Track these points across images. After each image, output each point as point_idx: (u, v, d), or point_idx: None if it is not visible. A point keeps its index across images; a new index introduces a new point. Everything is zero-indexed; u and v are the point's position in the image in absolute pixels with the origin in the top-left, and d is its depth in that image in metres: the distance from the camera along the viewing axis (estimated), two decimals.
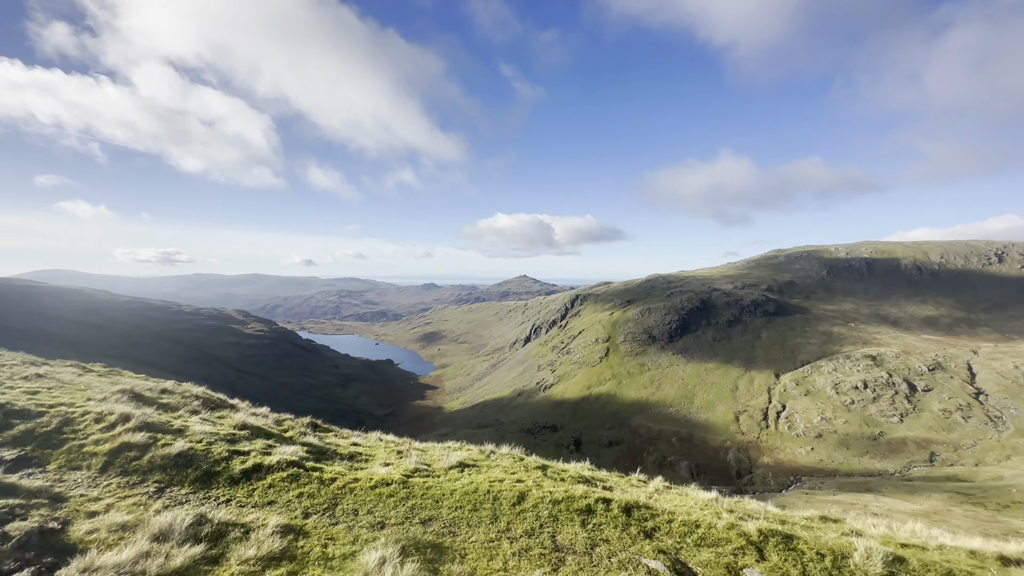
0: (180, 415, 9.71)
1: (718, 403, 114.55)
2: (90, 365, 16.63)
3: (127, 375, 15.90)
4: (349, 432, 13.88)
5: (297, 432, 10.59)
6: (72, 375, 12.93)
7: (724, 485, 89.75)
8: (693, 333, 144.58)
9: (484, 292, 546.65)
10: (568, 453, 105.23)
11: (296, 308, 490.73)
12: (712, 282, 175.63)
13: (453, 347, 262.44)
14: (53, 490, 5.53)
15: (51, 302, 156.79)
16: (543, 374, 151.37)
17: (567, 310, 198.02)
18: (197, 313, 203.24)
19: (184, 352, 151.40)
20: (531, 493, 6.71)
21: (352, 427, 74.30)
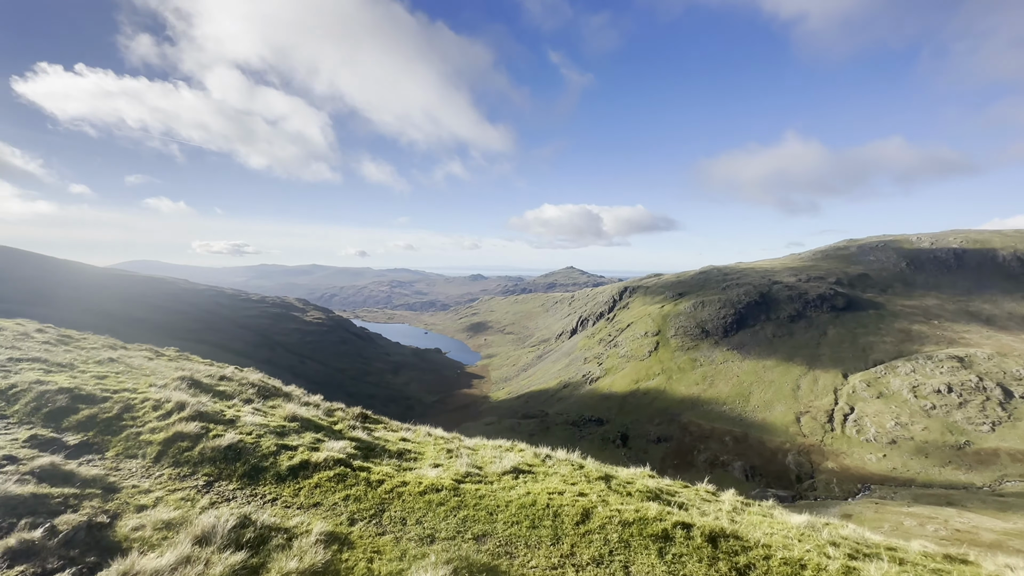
0: (234, 404, 9.80)
1: (777, 403, 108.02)
2: (163, 349, 17.48)
3: (195, 359, 16.57)
4: (399, 425, 13.65)
5: (346, 425, 10.43)
6: (143, 359, 13.49)
7: (782, 489, 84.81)
8: (750, 328, 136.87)
9: (530, 283, 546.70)
10: (614, 448, 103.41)
11: (351, 297, 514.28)
12: (773, 274, 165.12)
13: (499, 337, 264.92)
14: (107, 480, 5.60)
15: (141, 289, 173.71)
16: (589, 367, 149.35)
17: (615, 302, 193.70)
18: (263, 301, 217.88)
19: (252, 337, 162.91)
20: (597, 511, 6.04)
21: (402, 413, 77.31)
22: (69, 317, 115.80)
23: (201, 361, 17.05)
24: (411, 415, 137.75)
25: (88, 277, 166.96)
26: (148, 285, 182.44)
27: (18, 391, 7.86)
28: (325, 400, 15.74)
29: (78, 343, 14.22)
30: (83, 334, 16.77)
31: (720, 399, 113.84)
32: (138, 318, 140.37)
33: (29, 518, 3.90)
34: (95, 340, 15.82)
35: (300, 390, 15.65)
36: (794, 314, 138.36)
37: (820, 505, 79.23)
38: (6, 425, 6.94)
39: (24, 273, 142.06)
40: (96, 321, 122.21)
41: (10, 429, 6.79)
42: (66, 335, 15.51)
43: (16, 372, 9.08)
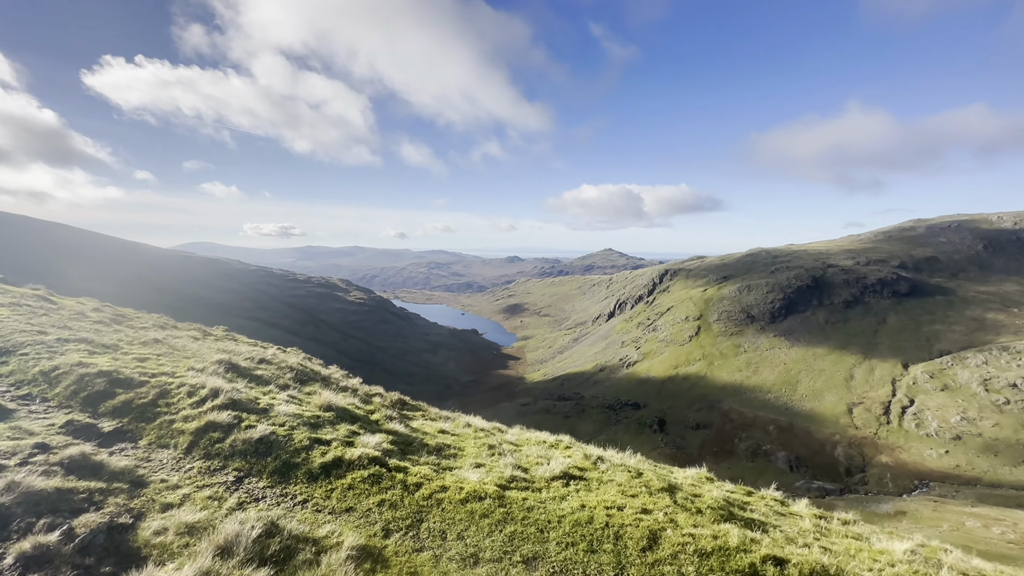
0: (269, 391, 9.43)
1: (827, 392, 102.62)
2: (211, 329, 17.73)
3: (241, 340, 16.70)
4: (437, 413, 13.15)
5: (383, 415, 9.94)
6: (188, 340, 13.43)
7: (829, 482, 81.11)
8: (801, 314, 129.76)
9: (567, 265, 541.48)
10: (651, 433, 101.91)
11: (391, 278, 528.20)
12: (827, 257, 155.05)
13: (535, 319, 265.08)
14: (136, 472, 5.44)
15: (200, 270, 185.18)
16: (627, 351, 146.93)
17: (655, 285, 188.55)
18: (308, 281, 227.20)
19: (299, 315, 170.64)
20: (666, 534, 5.25)
21: (439, 392, 78.16)
22: (139, 295, 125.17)
23: (246, 341, 17.21)
24: (448, 394, 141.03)
25: (154, 258, 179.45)
26: (205, 266, 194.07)
27: (60, 373, 7.83)
28: (364, 383, 15.07)
29: (130, 322, 14.33)
30: (138, 313, 17.07)
31: (764, 387, 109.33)
32: (198, 296, 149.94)
33: (48, 517, 3.71)
34: (147, 319, 16.02)
35: (340, 372, 15.48)
36: (850, 299, 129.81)
37: (871, 500, 75.19)
38: (46, 409, 6.90)
39: (99, 254, 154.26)
40: (161, 299, 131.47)
41: (49, 413, 6.75)
42: (121, 314, 15.78)
43: (61, 353, 9.07)
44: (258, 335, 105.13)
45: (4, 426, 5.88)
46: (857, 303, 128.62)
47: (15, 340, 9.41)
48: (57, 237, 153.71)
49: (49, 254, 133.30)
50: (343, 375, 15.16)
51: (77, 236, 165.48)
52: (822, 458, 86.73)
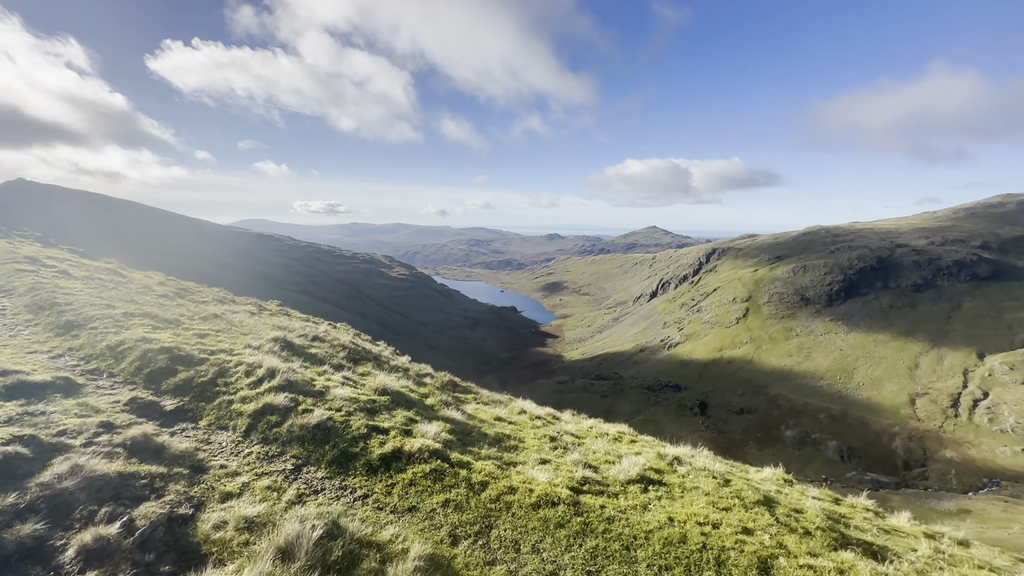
0: (324, 371, 9.12)
1: (887, 381, 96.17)
2: (266, 303, 18.11)
3: (294, 315, 16.94)
4: (488, 396, 12.64)
5: (438, 400, 9.56)
6: (245, 315, 13.45)
7: (884, 474, 76.91)
8: (862, 297, 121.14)
9: (609, 243, 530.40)
10: (691, 416, 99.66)
11: (432, 255, 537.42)
12: (896, 236, 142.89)
13: (575, 298, 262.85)
14: (196, 456, 5.35)
15: (254, 246, 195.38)
16: (669, 331, 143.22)
17: (701, 265, 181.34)
18: (354, 257, 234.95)
19: (345, 290, 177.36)
20: (778, 564, 4.48)
21: (478, 367, 78.69)
22: (202, 269, 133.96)
23: (299, 317, 17.29)
24: (486, 370, 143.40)
25: (215, 234, 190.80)
26: (259, 242, 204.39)
27: (125, 348, 7.87)
28: (413, 361, 14.81)
29: (192, 296, 14.53)
30: (199, 287, 17.59)
31: (817, 373, 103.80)
32: (253, 271, 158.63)
33: (110, 505, 3.72)
34: (207, 293, 16.29)
35: (389, 349, 15.28)
36: (920, 283, 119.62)
37: (931, 496, 70.72)
38: (112, 384, 6.98)
39: (167, 230, 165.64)
40: (221, 273, 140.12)
41: (115, 389, 6.80)
42: (183, 288, 16.07)
43: (127, 328, 9.13)
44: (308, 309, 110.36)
45: (73, 402, 5.93)
46: (928, 287, 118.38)
47: (86, 314, 9.58)
48: (130, 214, 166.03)
49: (124, 230, 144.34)
50: (392, 352, 14.92)
51: (147, 213, 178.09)
52: (877, 449, 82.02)
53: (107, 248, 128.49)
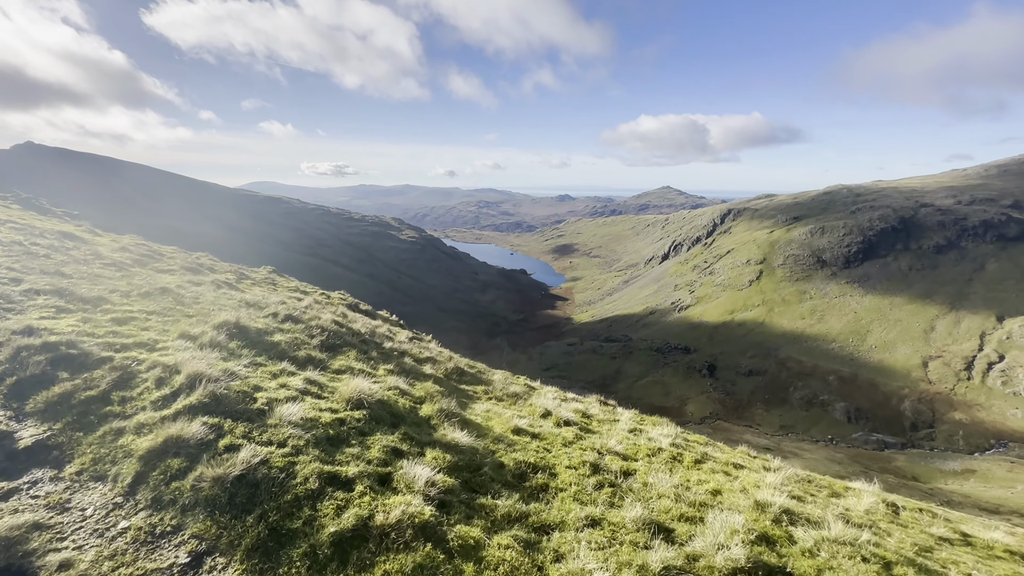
0: (281, 371, 6.81)
1: (900, 343, 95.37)
2: (253, 270, 16.76)
3: (282, 285, 15.57)
4: (502, 384, 10.57)
5: (436, 408, 7.29)
6: (211, 287, 11.15)
7: (891, 435, 77.72)
8: (881, 259, 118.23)
9: (620, 204, 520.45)
10: (699, 377, 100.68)
11: (441, 217, 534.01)
12: (922, 195, 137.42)
13: (585, 260, 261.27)
14: (32, 540, 3.48)
15: (263, 208, 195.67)
16: (680, 294, 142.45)
17: (715, 226, 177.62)
18: (363, 220, 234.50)
19: (355, 252, 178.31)
20: None
21: (488, 328, 78.33)
22: (213, 233, 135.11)
23: (287, 287, 15.24)
24: (496, 331, 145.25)
25: (223, 197, 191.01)
26: (268, 204, 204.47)
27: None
28: (416, 336, 13.02)
29: (157, 263, 12.55)
30: (176, 252, 16.06)
31: (829, 336, 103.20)
32: (264, 234, 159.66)
33: None
34: (179, 259, 14.29)
35: (385, 325, 13.47)
36: (943, 244, 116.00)
37: (936, 456, 71.57)
38: None
39: (176, 193, 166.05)
40: (232, 236, 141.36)
41: None
42: (153, 252, 14.20)
43: (19, 311, 6.89)
44: (319, 272, 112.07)
45: None
46: (951, 248, 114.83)
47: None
48: (139, 177, 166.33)
49: (135, 194, 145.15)
50: (389, 328, 13.56)
51: (156, 176, 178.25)
52: (885, 411, 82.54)
53: (116, 212, 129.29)
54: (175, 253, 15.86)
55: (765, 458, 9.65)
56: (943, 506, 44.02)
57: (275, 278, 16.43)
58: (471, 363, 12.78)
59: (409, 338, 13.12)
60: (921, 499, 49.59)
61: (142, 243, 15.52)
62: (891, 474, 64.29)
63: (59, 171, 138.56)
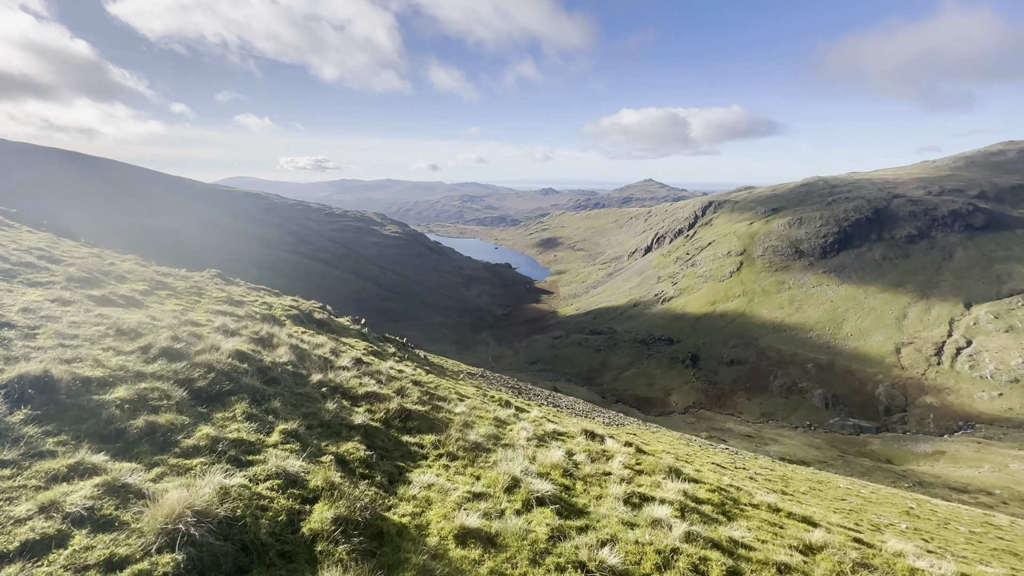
0: (72, 465, 3.95)
1: (875, 331, 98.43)
2: (187, 275, 14.18)
3: (209, 295, 12.77)
4: (461, 432, 8.04)
5: (332, 513, 4.41)
6: (83, 307, 8.23)
7: (866, 420, 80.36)
8: (856, 249, 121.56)
9: (604, 198, 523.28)
10: (683, 368, 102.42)
11: (424, 212, 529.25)
12: (894, 187, 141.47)
13: (569, 254, 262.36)
14: None
15: (242, 204, 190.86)
16: (663, 286, 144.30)
17: (696, 218, 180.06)
18: (345, 215, 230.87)
19: (338, 249, 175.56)
20: None
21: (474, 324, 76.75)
22: (189, 230, 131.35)
23: (217, 297, 12.48)
24: (482, 326, 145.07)
25: (199, 193, 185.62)
26: (247, 200, 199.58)
27: None
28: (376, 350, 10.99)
29: (35, 274, 9.64)
30: (92, 251, 13.55)
31: (807, 325, 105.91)
32: (243, 231, 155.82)
33: None
34: (86, 264, 11.56)
35: (330, 344, 10.94)
36: (914, 233, 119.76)
37: (908, 439, 74.25)
38: None
39: (149, 189, 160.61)
40: (209, 234, 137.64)
41: None
42: (52, 255, 11.22)
43: None
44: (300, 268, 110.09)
45: None
46: (922, 237, 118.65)
47: None
48: (110, 173, 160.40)
49: (106, 190, 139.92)
50: (333, 348, 10.82)
51: (128, 171, 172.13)
52: (861, 397, 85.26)
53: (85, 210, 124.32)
54: (84, 256, 12.74)
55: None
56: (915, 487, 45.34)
57: (207, 285, 13.81)
58: (430, 389, 10.52)
59: (356, 360, 10.51)
60: (894, 481, 51.12)
61: (37, 247, 12.21)
62: (867, 457, 66.53)
63: (22, 167, 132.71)
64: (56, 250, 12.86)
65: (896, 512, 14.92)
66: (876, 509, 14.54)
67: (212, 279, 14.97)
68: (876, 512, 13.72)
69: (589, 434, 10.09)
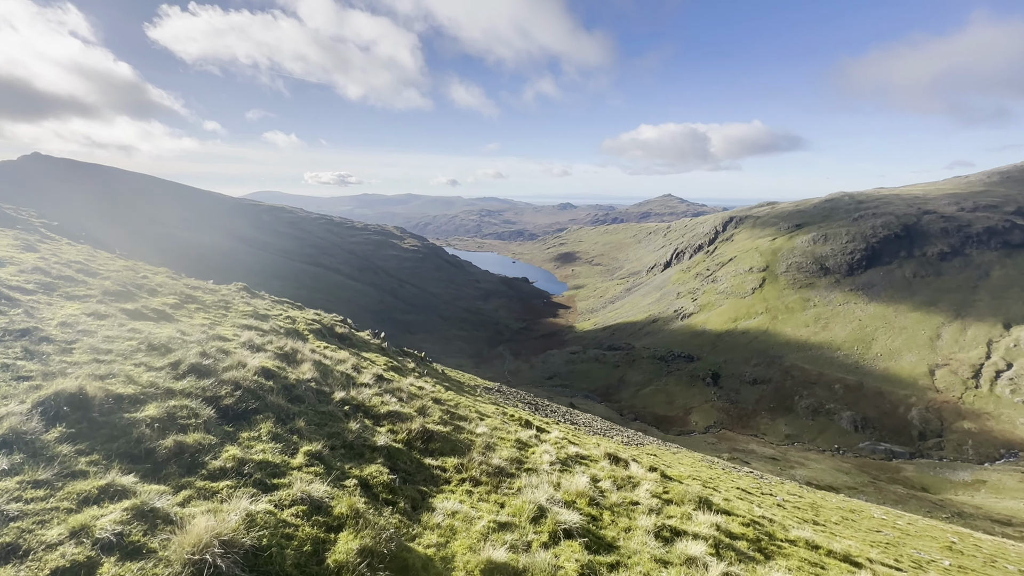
0: (103, 487, 3.93)
1: (906, 351, 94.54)
2: (215, 289, 14.20)
3: (236, 309, 12.76)
4: (484, 455, 7.90)
5: (357, 544, 4.19)
6: (117, 321, 8.35)
7: (899, 445, 76.71)
8: (885, 266, 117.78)
9: (622, 213, 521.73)
10: (703, 386, 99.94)
11: (443, 226, 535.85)
12: (924, 203, 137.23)
13: (587, 268, 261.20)
14: None
15: (267, 218, 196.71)
16: (682, 302, 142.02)
17: (717, 234, 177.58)
18: (366, 229, 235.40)
19: (357, 262, 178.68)
20: None
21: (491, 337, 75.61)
22: (218, 242, 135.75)
23: (243, 311, 12.44)
24: (498, 340, 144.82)
25: (228, 206, 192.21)
26: (272, 214, 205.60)
27: None
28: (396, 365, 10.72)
29: (72, 287, 9.85)
30: (126, 264, 13.72)
31: (833, 344, 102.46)
32: (266, 243, 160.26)
33: None
34: (120, 277, 11.62)
35: (352, 360, 10.76)
36: (947, 251, 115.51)
37: (946, 466, 70.47)
38: None
39: (182, 202, 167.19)
40: (238, 246, 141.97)
41: None
42: (89, 269, 11.28)
43: None
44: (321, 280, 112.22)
45: None
46: (955, 255, 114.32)
47: None
48: (144, 187, 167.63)
49: (140, 204, 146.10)
50: (355, 364, 10.56)
51: (161, 186, 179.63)
52: (893, 420, 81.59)
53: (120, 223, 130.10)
54: (119, 270, 13.00)
55: None
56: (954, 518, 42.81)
57: (234, 298, 13.94)
58: (451, 407, 10.22)
59: (377, 376, 10.42)
60: (930, 511, 48.43)
61: (76, 261, 12.52)
62: (900, 484, 63.35)
63: (65, 182, 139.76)
64: (93, 263, 13.28)
65: (937, 547, 14.08)
66: (915, 543, 13.75)
67: (238, 292, 15.20)
68: (915, 546, 12.97)
69: (613, 458, 9.75)
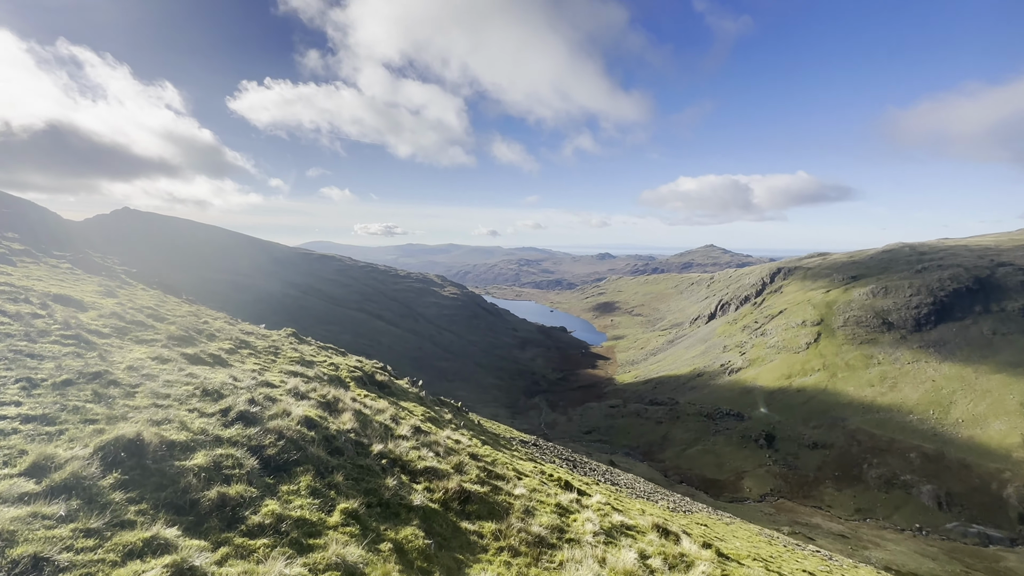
0: (148, 539, 4.05)
1: (993, 418, 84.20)
2: (267, 334, 14.82)
3: (285, 355, 13.36)
4: (523, 520, 7.74)
5: None
6: (177, 366, 8.97)
7: (993, 527, 66.66)
8: (957, 322, 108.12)
9: (663, 263, 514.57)
10: (756, 448, 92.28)
11: (482, 275, 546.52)
12: (997, 254, 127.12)
13: (627, 319, 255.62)
14: None
15: (318, 266, 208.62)
16: (729, 355, 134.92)
17: (764, 285, 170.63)
18: (408, 277, 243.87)
19: (399, 308, 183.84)
20: None
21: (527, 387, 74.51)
22: (270, 287, 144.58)
23: (291, 357, 13.08)
24: (535, 390, 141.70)
25: (284, 254, 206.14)
26: (322, 262, 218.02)
27: None
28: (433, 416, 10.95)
29: (143, 332, 10.70)
30: (193, 310, 14.83)
31: (905, 407, 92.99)
32: (315, 288, 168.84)
33: None
34: (185, 323, 12.49)
35: (390, 411, 10.98)
36: None
37: None
38: None
39: (244, 252, 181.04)
40: (288, 291, 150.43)
41: None
42: (158, 314, 12.02)
43: None
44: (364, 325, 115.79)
45: None
46: None
47: None
48: (214, 238, 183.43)
49: (209, 252, 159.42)
50: (394, 415, 10.82)
51: (228, 237, 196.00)
52: (984, 497, 71.44)
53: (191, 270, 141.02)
54: (184, 315, 14.19)
55: None
56: None
57: (283, 344, 14.74)
58: (487, 465, 10.02)
59: (415, 428, 10.57)
60: None
61: (148, 306, 13.55)
62: None
63: (148, 233, 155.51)
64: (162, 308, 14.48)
65: None
66: None
67: (287, 338, 15.98)
68: None
69: (662, 531, 9.07)
